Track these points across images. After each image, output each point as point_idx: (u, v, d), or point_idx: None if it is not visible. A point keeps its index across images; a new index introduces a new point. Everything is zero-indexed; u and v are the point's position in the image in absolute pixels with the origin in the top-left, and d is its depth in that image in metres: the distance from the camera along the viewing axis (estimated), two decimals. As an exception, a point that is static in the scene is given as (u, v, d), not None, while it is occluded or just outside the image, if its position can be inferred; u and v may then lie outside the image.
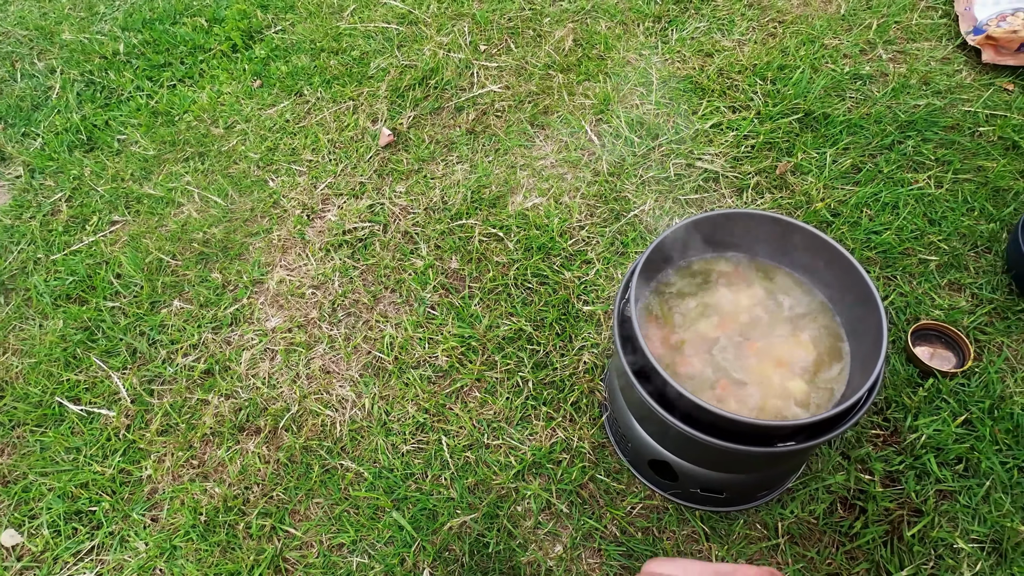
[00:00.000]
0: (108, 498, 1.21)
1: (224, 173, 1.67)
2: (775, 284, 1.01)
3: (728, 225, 0.99)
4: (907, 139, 1.51)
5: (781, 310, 0.99)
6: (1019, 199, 1.39)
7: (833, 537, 1.07)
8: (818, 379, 0.93)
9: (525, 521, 1.11)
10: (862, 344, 0.91)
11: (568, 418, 1.21)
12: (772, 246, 1.01)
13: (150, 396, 1.32)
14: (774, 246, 1.01)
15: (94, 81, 2.00)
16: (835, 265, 0.94)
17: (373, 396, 1.27)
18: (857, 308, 0.92)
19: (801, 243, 0.97)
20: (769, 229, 0.99)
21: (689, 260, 1.04)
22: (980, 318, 1.25)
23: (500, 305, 1.35)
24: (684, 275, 1.03)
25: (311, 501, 1.17)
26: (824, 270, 0.97)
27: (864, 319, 0.90)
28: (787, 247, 1.00)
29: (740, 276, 1.02)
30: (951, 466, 1.11)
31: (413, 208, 1.53)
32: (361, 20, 1.99)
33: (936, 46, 1.70)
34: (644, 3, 1.89)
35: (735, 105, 1.61)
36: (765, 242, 1.01)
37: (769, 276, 1.02)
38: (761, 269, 1.03)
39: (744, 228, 1.00)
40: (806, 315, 0.98)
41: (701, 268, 1.03)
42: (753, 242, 1.02)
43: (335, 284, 1.43)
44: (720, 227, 0.99)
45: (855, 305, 0.92)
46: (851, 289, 0.92)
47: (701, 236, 1.00)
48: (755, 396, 0.91)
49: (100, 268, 1.53)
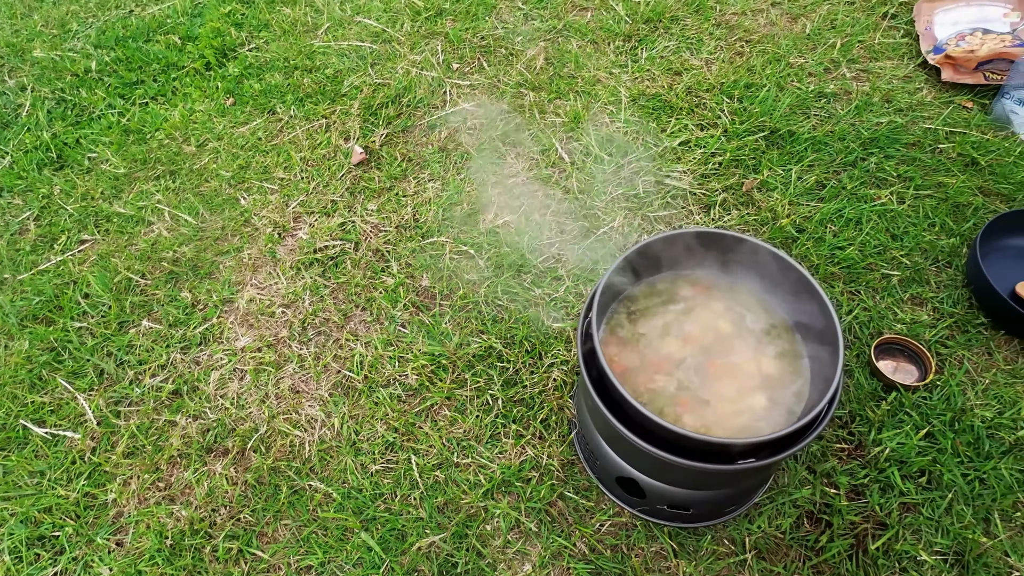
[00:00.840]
0: (72, 522, 1.19)
1: (195, 191, 1.67)
2: (738, 302, 1.03)
3: (688, 244, 1.01)
4: (870, 156, 1.54)
5: (743, 328, 1.00)
6: (978, 214, 1.42)
7: (800, 552, 1.08)
8: (779, 395, 0.94)
9: (494, 540, 1.11)
10: (821, 361, 0.93)
11: (538, 435, 1.21)
12: (734, 265, 1.03)
13: (116, 418, 1.31)
14: (735, 264, 1.03)
15: (65, 99, 1.99)
16: (794, 283, 0.96)
17: (342, 415, 1.26)
18: (815, 325, 0.94)
19: (761, 261, 0.99)
20: (731, 248, 1.00)
21: (653, 279, 1.05)
22: (941, 331, 1.27)
23: (470, 323, 1.35)
24: (649, 294, 1.04)
25: (279, 523, 1.16)
26: (784, 288, 0.99)
27: (822, 336, 0.92)
28: (748, 265, 1.01)
29: (704, 294, 1.04)
30: (914, 479, 1.12)
31: (384, 226, 1.53)
32: (335, 38, 2.00)
33: (898, 65, 1.74)
34: (614, 22, 1.92)
35: (703, 123, 1.64)
36: (727, 261, 1.03)
37: (732, 294, 1.03)
38: (724, 287, 1.04)
39: (706, 247, 1.02)
40: (767, 332, 0.99)
41: (665, 287, 1.05)
42: (715, 261, 1.04)
43: (305, 303, 1.42)
44: (680, 246, 1.01)
45: (814, 322, 0.94)
46: (809, 306, 0.94)
47: (662, 255, 1.01)
48: (717, 413, 0.93)
49: (68, 288, 1.51)
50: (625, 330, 1.01)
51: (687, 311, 1.02)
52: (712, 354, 0.97)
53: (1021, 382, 1.21)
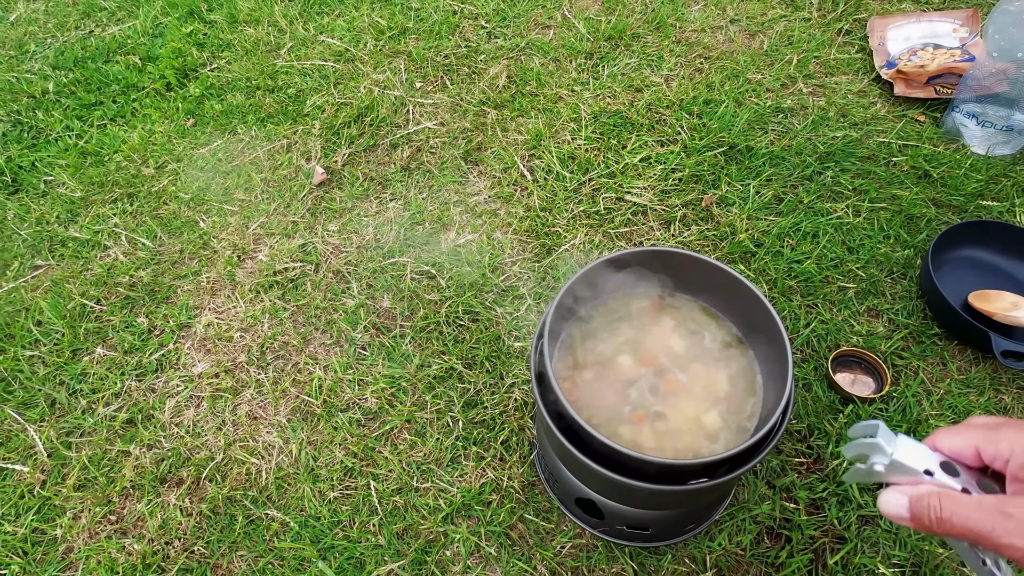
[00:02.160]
0: (19, 559, 1.15)
1: (153, 214, 1.64)
2: (691, 319, 1.03)
3: (644, 262, 1.01)
4: (826, 170, 1.56)
5: (698, 345, 1.00)
6: (931, 226, 1.45)
7: (760, 568, 1.08)
8: (733, 413, 0.94)
9: (454, 566, 1.10)
10: (774, 376, 0.93)
11: (498, 457, 1.20)
12: (687, 281, 1.03)
13: (68, 449, 1.27)
14: (688, 281, 1.03)
15: (21, 121, 1.95)
16: (744, 298, 0.96)
17: (301, 441, 1.24)
18: (766, 341, 0.94)
19: (712, 278, 0.99)
20: (682, 265, 1.01)
21: (606, 297, 1.05)
22: (897, 343, 1.29)
23: (431, 343, 1.34)
24: (602, 311, 1.04)
25: (234, 554, 1.14)
26: (735, 304, 0.99)
27: (772, 353, 0.92)
28: (700, 282, 1.02)
29: (656, 311, 1.04)
30: (872, 491, 1.13)
31: (345, 247, 1.52)
32: (298, 58, 2.00)
33: (853, 80, 1.77)
34: (576, 40, 1.93)
35: (663, 139, 1.65)
36: (681, 277, 1.03)
37: (684, 311, 1.04)
38: (677, 304, 1.05)
39: (660, 265, 1.02)
40: (722, 349, 1.00)
41: (618, 305, 1.05)
42: (669, 278, 1.04)
43: (264, 326, 1.40)
44: (635, 264, 1.01)
45: (765, 339, 0.95)
46: (759, 322, 0.94)
47: (617, 273, 1.02)
48: (671, 431, 0.92)
49: (19, 315, 1.48)
50: (579, 351, 1.00)
51: (640, 329, 1.02)
52: (666, 372, 0.97)
53: (975, 391, 1.23)
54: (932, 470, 0.53)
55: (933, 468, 0.53)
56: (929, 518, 0.50)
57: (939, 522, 0.49)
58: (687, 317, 1.03)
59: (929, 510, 0.50)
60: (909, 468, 0.54)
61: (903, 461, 0.54)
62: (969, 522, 0.48)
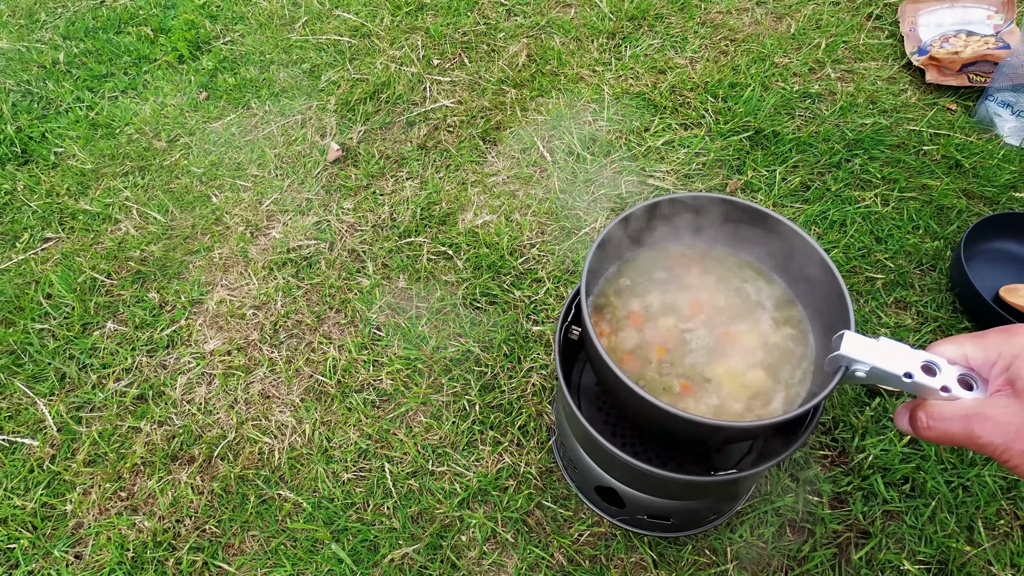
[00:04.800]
0: (28, 534, 1.14)
1: (165, 188, 1.61)
2: (738, 275, 0.92)
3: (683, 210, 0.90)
4: (854, 157, 1.52)
5: (745, 302, 0.90)
6: (962, 217, 1.41)
7: (782, 561, 1.06)
8: (782, 377, 0.84)
9: (469, 551, 1.08)
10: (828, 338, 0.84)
11: (515, 442, 1.18)
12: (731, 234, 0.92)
13: (78, 424, 1.26)
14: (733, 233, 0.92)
15: (31, 91, 1.92)
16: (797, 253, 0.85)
17: (314, 422, 1.22)
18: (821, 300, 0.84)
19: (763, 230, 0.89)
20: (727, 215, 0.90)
21: (641, 251, 0.94)
22: (926, 336, 1.26)
23: (448, 325, 1.32)
24: (639, 265, 0.93)
25: (246, 534, 1.12)
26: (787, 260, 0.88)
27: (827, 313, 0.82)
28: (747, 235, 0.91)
29: (697, 266, 0.93)
30: (898, 486, 1.10)
31: (361, 225, 1.49)
32: (313, 32, 1.95)
33: (883, 66, 1.72)
34: (598, 19, 1.88)
35: (687, 122, 1.61)
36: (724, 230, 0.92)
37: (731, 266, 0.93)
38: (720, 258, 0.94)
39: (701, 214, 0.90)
40: (774, 308, 0.89)
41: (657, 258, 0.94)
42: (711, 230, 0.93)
43: (278, 304, 1.38)
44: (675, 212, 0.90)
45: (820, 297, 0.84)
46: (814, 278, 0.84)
47: (656, 223, 0.91)
48: (712, 397, 0.84)
49: (29, 288, 1.45)
50: (616, 310, 0.90)
51: (681, 286, 0.91)
52: (717, 329, 0.87)
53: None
54: (912, 372, 0.56)
55: (913, 370, 0.56)
56: (919, 428, 0.54)
57: (928, 429, 0.53)
58: (735, 272, 0.92)
59: (918, 421, 0.54)
60: (888, 373, 0.58)
61: (881, 367, 0.58)
62: (952, 427, 0.52)
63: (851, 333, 0.61)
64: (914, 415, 0.55)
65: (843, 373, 0.63)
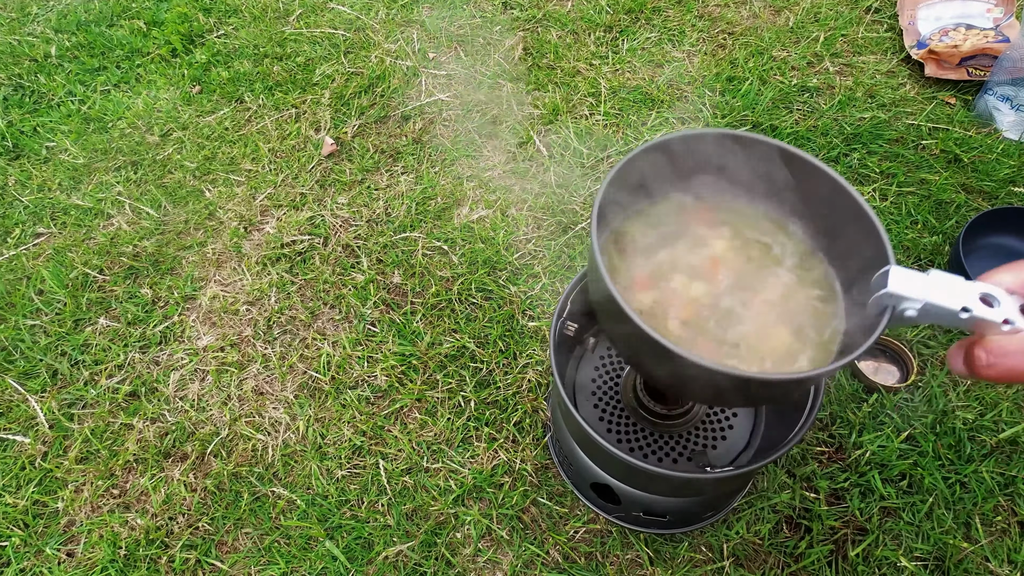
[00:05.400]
0: (19, 532, 1.13)
1: (158, 183, 1.60)
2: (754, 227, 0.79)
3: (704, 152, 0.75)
4: (853, 152, 1.51)
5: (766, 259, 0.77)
6: (960, 212, 1.40)
7: (778, 558, 1.05)
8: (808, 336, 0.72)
9: (464, 549, 1.07)
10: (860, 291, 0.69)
11: (511, 439, 1.17)
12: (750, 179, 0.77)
13: (70, 421, 1.24)
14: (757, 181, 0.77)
15: (23, 85, 1.90)
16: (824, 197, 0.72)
17: (308, 418, 1.21)
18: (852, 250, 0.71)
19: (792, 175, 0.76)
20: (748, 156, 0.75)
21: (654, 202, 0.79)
22: (923, 331, 1.25)
23: (443, 321, 1.31)
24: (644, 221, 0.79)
25: (239, 531, 1.11)
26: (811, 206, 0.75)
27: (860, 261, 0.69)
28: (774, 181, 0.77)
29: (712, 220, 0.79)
30: (895, 483, 1.10)
31: (355, 220, 1.48)
32: (307, 25, 1.94)
33: (881, 59, 1.71)
34: (595, 12, 1.87)
35: (684, 116, 1.60)
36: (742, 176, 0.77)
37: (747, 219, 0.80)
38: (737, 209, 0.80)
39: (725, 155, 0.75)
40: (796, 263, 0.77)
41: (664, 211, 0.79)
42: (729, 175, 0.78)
43: (271, 300, 1.37)
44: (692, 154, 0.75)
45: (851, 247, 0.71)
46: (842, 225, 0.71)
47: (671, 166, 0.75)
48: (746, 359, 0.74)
49: (20, 284, 1.44)
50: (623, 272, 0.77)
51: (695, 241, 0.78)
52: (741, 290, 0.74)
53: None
54: (970, 306, 0.50)
55: (971, 304, 0.50)
56: (978, 368, 0.49)
57: (989, 368, 0.48)
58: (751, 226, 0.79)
59: (977, 360, 0.49)
60: (944, 309, 0.51)
61: (936, 302, 0.51)
62: (1018, 363, 0.47)
63: (897, 267, 0.54)
64: (971, 354, 0.49)
65: (891, 314, 0.55)
